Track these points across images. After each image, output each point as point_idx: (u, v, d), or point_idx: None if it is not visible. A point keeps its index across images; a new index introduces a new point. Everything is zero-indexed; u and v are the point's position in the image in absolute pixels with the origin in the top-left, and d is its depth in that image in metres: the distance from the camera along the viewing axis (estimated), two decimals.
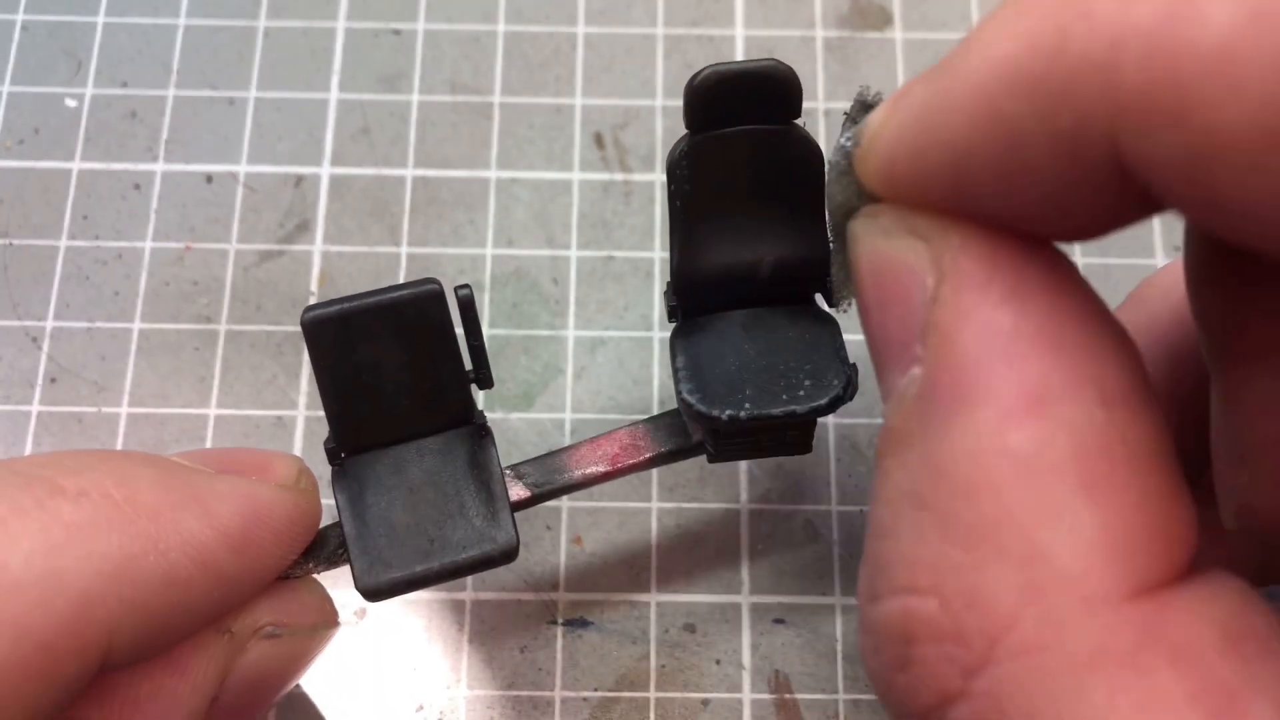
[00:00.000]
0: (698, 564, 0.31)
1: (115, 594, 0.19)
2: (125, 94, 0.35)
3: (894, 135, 0.17)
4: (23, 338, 0.33)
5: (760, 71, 0.22)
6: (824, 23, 0.36)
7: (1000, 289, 0.15)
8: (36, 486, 0.19)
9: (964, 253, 0.16)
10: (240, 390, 0.32)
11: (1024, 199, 0.15)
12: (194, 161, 0.35)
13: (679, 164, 0.23)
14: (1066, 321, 0.15)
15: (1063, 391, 0.15)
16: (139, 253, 0.34)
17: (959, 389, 0.15)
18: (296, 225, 0.34)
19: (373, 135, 0.35)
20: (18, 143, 0.35)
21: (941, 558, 0.15)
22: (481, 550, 0.24)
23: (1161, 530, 0.14)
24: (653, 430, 0.26)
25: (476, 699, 0.29)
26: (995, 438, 0.15)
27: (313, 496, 0.24)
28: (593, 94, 0.35)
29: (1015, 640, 0.14)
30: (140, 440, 0.32)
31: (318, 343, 0.23)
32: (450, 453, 0.25)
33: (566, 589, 0.30)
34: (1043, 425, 0.14)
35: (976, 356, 0.15)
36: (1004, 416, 0.15)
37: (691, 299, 0.25)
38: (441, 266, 0.33)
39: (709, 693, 0.29)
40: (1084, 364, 0.15)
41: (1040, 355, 0.15)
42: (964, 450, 0.15)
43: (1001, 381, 0.15)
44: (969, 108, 0.15)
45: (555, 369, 0.33)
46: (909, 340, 0.16)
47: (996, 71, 0.14)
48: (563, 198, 0.34)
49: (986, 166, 0.15)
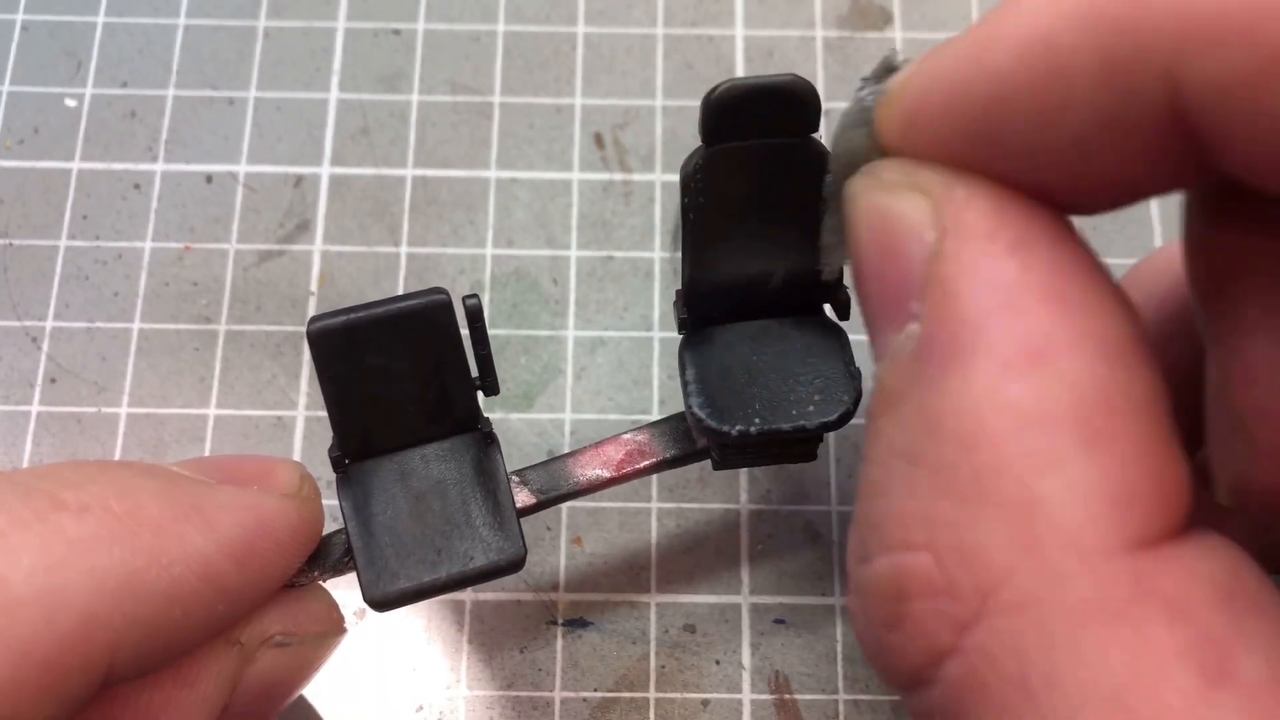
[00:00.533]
0: (698, 564, 0.31)
1: (118, 610, 0.19)
2: (125, 94, 0.35)
3: (929, 77, 0.16)
4: (22, 338, 0.33)
5: (778, 86, 0.22)
6: (824, 23, 0.36)
7: (1005, 242, 0.15)
8: (37, 500, 0.19)
9: (969, 205, 0.16)
10: (240, 390, 0.32)
11: (1060, 144, 0.15)
12: (194, 161, 0.35)
13: (693, 176, 0.23)
14: (1069, 276, 0.15)
15: (1065, 344, 0.15)
16: (139, 253, 0.34)
17: (959, 341, 0.15)
18: (296, 225, 0.34)
19: (372, 135, 0.35)
20: (18, 143, 0.35)
21: (935, 512, 0.15)
22: (489, 560, 0.24)
23: (1159, 485, 0.14)
24: (657, 435, 0.26)
25: (476, 699, 0.29)
26: (995, 389, 0.15)
27: (315, 504, 0.23)
28: (592, 94, 0.35)
29: (1009, 594, 0.14)
30: (140, 440, 0.32)
31: (323, 353, 0.23)
32: (456, 460, 0.25)
33: (566, 589, 0.30)
34: (1044, 377, 0.14)
35: (978, 308, 0.15)
36: (1004, 368, 0.15)
37: (701, 310, 0.25)
38: (441, 266, 0.33)
39: (709, 693, 0.29)
40: (1087, 318, 0.15)
41: (1043, 308, 0.15)
42: (962, 402, 0.15)
43: (1003, 333, 0.15)
44: (1020, 39, 0.15)
45: (555, 369, 0.33)
46: (906, 297, 0.16)
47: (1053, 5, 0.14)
48: (562, 198, 0.34)
49: (1029, 102, 0.15)
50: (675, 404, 0.32)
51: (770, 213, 0.24)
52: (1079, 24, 0.14)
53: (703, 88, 0.35)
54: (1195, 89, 0.13)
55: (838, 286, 0.25)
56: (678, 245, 0.24)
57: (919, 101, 0.17)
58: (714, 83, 0.22)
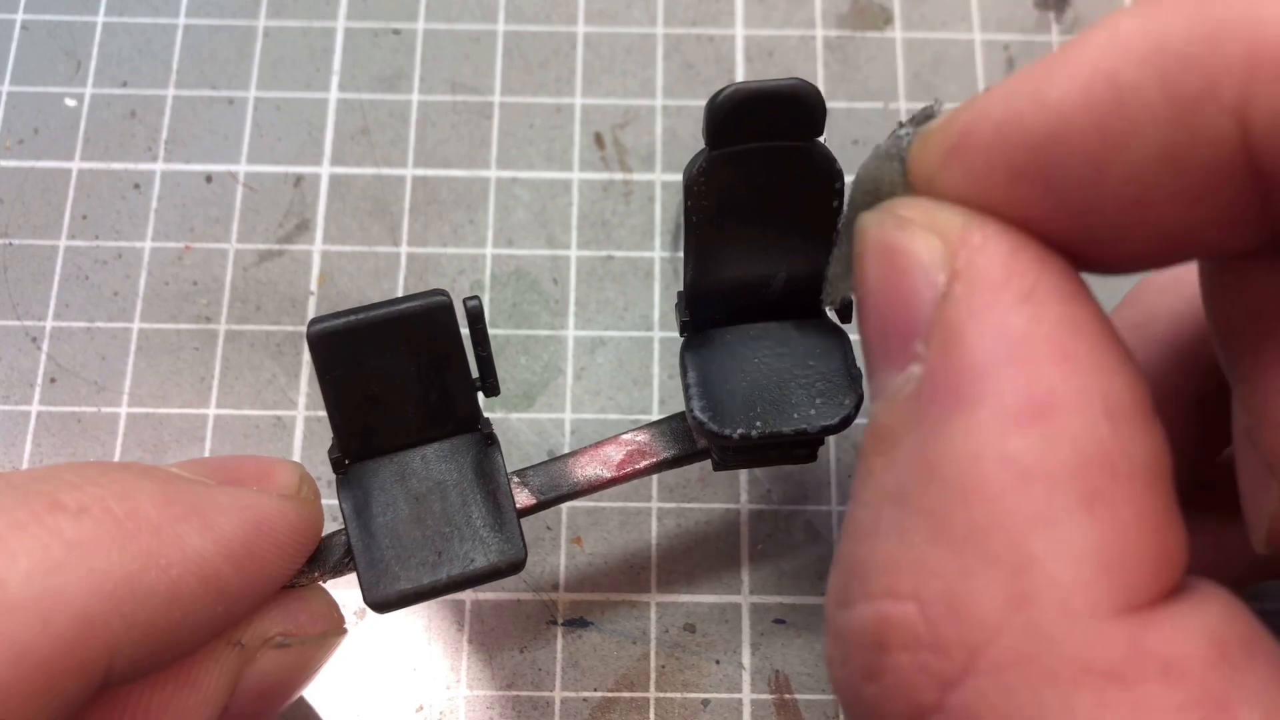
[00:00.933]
0: (698, 564, 0.31)
1: (116, 611, 0.19)
2: (125, 94, 0.35)
3: (978, 111, 0.16)
4: (22, 338, 0.33)
5: (783, 91, 0.22)
6: (824, 22, 0.36)
7: (1016, 291, 0.15)
8: (36, 502, 0.19)
9: (983, 251, 0.16)
10: (240, 390, 0.32)
11: (1117, 184, 0.15)
12: (194, 161, 0.35)
13: (697, 180, 0.23)
14: (1078, 332, 0.15)
15: (1070, 401, 0.14)
16: (139, 253, 0.34)
17: (962, 388, 0.15)
18: (296, 225, 0.34)
19: (372, 135, 0.35)
20: (17, 142, 0.35)
21: (924, 561, 0.15)
22: (489, 562, 0.24)
23: (1155, 549, 0.14)
24: (657, 435, 0.26)
25: (476, 699, 0.29)
26: (996, 440, 0.14)
27: (314, 505, 0.23)
28: (593, 94, 0.35)
29: (998, 652, 0.14)
30: (140, 440, 0.32)
31: (323, 355, 0.23)
32: (456, 461, 0.25)
33: (566, 589, 0.30)
34: (1046, 432, 0.14)
35: (985, 357, 0.15)
36: (1007, 420, 0.14)
37: (703, 312, 0.25)
38: (441, 266, 0.33)
39: (709, 693, 0.29)
40: (1093, 376, 0.15)
41: (1050, 362, 0.15)
42: (962, 450, 0.15)
43: (1008, 384, 0.14)
44: (1081, 73, 0.14)
45: (555, 369, 0.33)
46: (910, 337, 0.16)
47: (1118, 40, 0.14)
48: (562, 197, 0.34)
49: (1088, 138, 0.14)
50: (675, 404, 0.32)
51: (773, 216, 0.24)
52: (1143, 58, 0.14)
53: (703, 87, 0.35)
54: (1264, 122, 0.13)
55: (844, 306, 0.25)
56: (679, 247, 0.24)
57: (965, 133, 0.16)
58: (714, 82, 0.22)
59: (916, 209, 0.17)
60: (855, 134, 0.35)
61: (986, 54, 0.36)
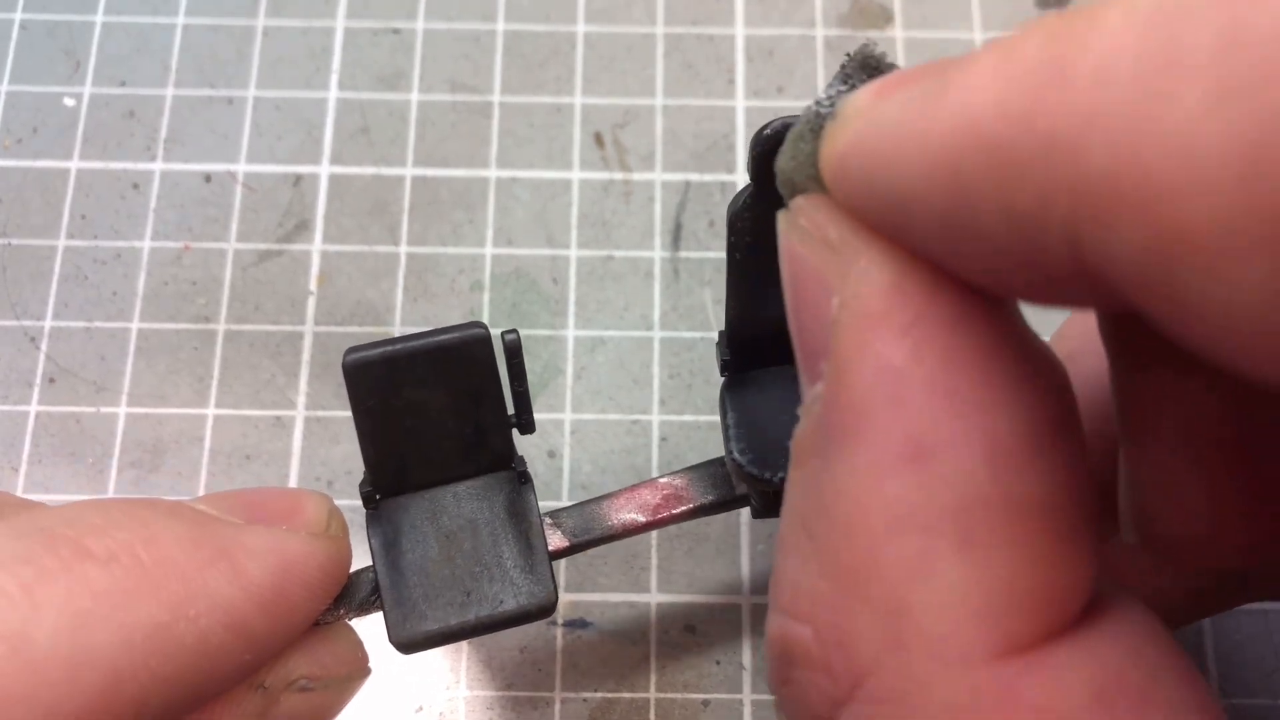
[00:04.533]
0: (698, 564, 0.31)
1: (144, 665, 0.18)
2: (124, 93, 0.35)
3: (858, 133, 0.15)
4: (21, 338, 0.33)
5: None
6: (824, 21, 0.36)
7: (899, 324, 0.14)
8: (63, 548, 0.18)
9: (867, 278, 0.15)
10: (239, 390, 0.32)
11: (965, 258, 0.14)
12: (193, 161, 0.34)
13: (740, 215, 0.22)
14: (965, 364, 0.14)
15: (948, 443, 0.14)
16: (137, 252, 0.33)
17: (845, 425, 0.15)
18: (295, 225, 0.34)
19: (372, 134, 0.35)
20: (16, 142, 0.35)
21: (817, 590, 0.15)
22: (518, 604, 0.23)
23: (1042, 590, 0.14)
24: (695, 479, 0.25)
25: (476, 699, 0.29)
26: (873, 484, 0.14)
27: (343, 543, 0.23)
28: (592, 93, 0.35)
29: (875, 685, 0.14)
30: (139, 440, 0.32)
31: (359, 386, 0.22)
32: (488, 499, 0.24)
33: (566, 590, 0.30)
34: (921, 477, 0.14)
35: (864, 394, 0.14)
36: (885, 462, 0.14)
37: (745, 352, 0.24)
38: (441, 266, 0.33)
39: (709, 693, 0.29)
40: (975, 414, 0.14)
41: (928, 402, 0.14)
42: (844, 490, 0.14)
43: (885, 426, 0.14)
44: (931, 152, 0.14)
45: (555, 369, 0.32)
46: (818, 353, 0.16)
47: (963, 123, 0.13)
48: (562, 197, 0.34)
49: (934, 215, 0.14)
50: (675, 404, 0.32)
51: None
52: (984, 156, 0.13)
53: (703, 87, 0.35)
54: (1092, 258, 0.12)
55: None
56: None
57: (853, 143, 0.15)
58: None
59: (813, 219, 0.16)
60: None
61: None
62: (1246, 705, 0.29)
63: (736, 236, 0.22)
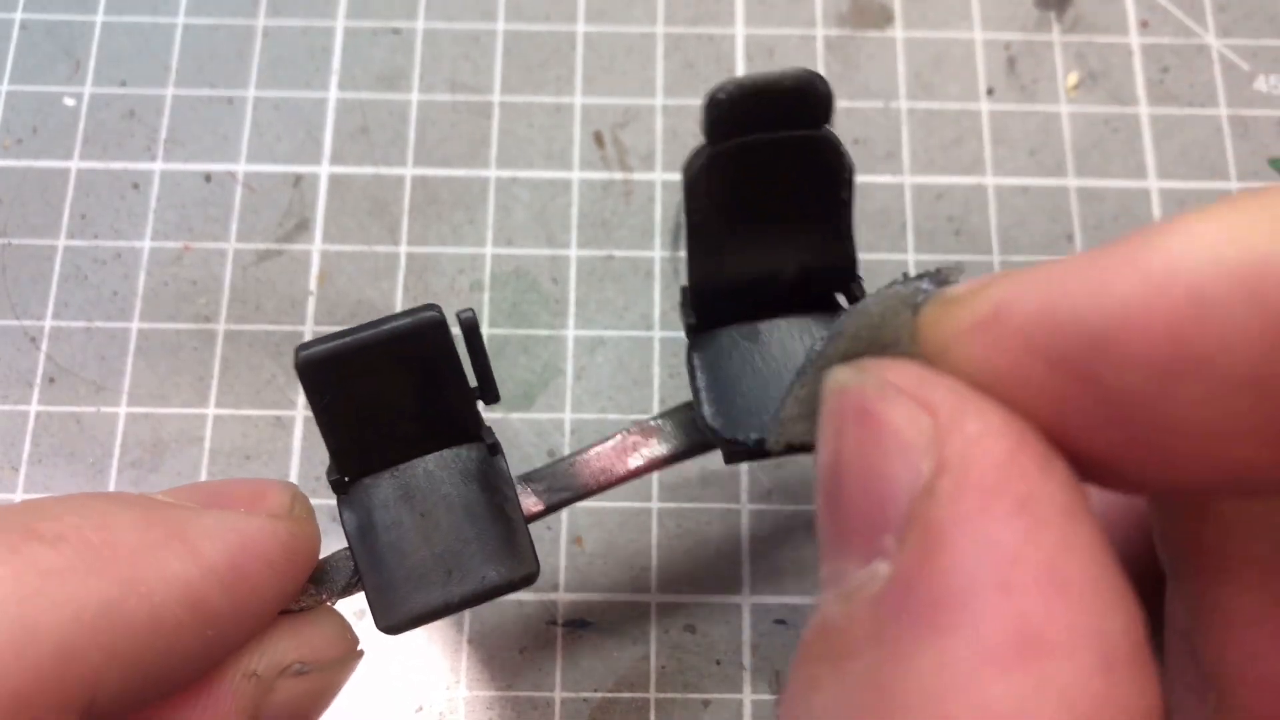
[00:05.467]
0: (698, 564, 0.31)
1: (95, 642, 0.18)
2: (124, 93, 0.35)
3: (1017, 286, 0.14)
4: (21, 337, 0.33)
5: (788, 84, 0.21)
6: (824, 21, 0.36)
7: (1012, 500, 0.13)
8: (11, 534, 0.18)
9: (979, 444, 0.13)
10: (239, 390, 0.32)
11: (1181, 413, 0.13)
12: (193, 161, 0.34)
13: (698, 177, 0.22)
14: (1076, 557, 0.13)
15: (1062, 643, 0.12)
16: (137, 252, 0.33)
17: (938, 609, 0.13)
18: (295, 224, 0.34)
19: (372, 134, 0.35)
20: (16, 142, 0.35)
21: None
22: (501, 577, 0.23)
23: None
24: (663, 428, 0.25)
25: (476, 699, 0.29)
26: (973, 683, 0.12)
27: (308, 524, 0.23)
28: (593, 93, 0.35)
29: None
30: (139, 440, 0.32)
31: (314, 382, 0.22)
32: (460, 472, 0.24)
33: (566, 589, 0.30)
34: (1032, 679, 0.12)
35: (968, 575, 0.13)
36: (987, 657, 0.12)
37: (709, 311, 0.24)
38: (441, 266, 0.33)
39: (709, 693, 0.29)
40: (1090, 614, 0.13)
41: (1043, 592, 0.12)
42: (931, 686, 0.12)
43: (992, 614, 0.12)
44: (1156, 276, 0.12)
45: (555, 369, 0.32)
46: (879, 528, 0.14)
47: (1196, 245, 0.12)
48: (562, 197, 0.34)
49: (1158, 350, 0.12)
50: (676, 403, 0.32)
51: (779, 208, 0.23)
52: (1231, 272, 0.12)
53: (703, 86, 0.35)
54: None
55: (850, 279, 0.24)
56: (680, 246, 0.24)
57: (1003, 304, 0.14)
58: (715, 81, 0.21)
59: (906, 374, 0.14)
60: (856, 133, 0.35)
61: (987, 53, 0.36)
62: None
63: (695, 200, 0.22)
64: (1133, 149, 0.35)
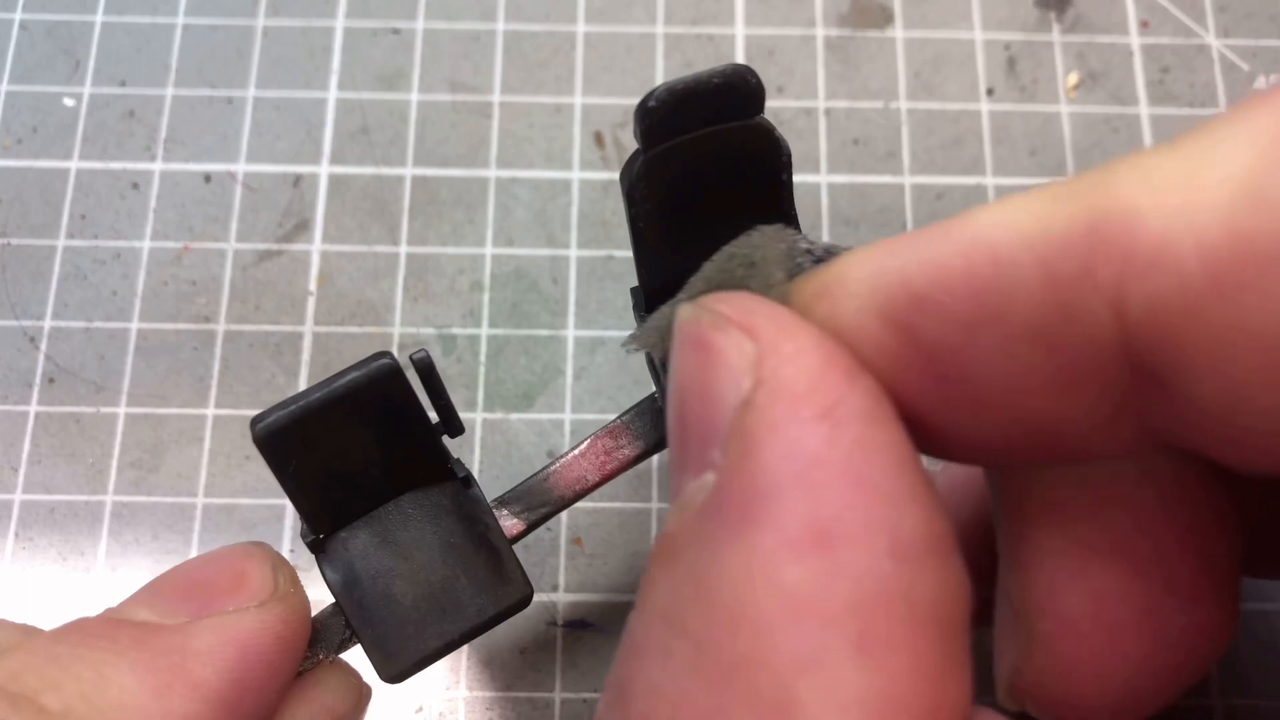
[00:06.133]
0: None
1: None
2: (123, 93, 0.35)
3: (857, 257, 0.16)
4: (20, 338, 0.33)
5: (719, 83, 0.21)
6: (824, 21, 0.36)
7: (817, 407, 0.14)
8: (24, 709, 0.18)
9: (792, 360, 0.15)
10: (239, 390, 0.32)
11: (984, 361, 0.14)
12: (192, 161, 0.34)
13: (637, 185, 0.22)
14: (877, 458, 0.14)
15: (854, 532, 0.13)
16: (137, 252, 0.33)
17: (747, 508, 0.14)
18: (295, 225, 0.34)
19: (372, 134, 0.35)
20: (16, 142, 0.34)
21: (684, 693, 0.14)
22: (496, 605, 0.23)
23: (929, 701, 0.13)
24: (634, 423, 0.25)
25: (476, 700, 0.29)
26: (772, 568, 0.13)
27: (296, 597, 0.22)
28: (592, 93, 0.35)
29: None
30: (139, 440, 0.32)
31: (276, 452, 0.22)
32: (435, 510, 0.24)
33: (566, 590, 0.30)
34: (824, 565, 0.13)
35: (773, 476, 0.14)
36: (786, 546, 0.13)
37: None
38: (441, 266, 0.33)
39: None
40: (884, 507, 0.14)
41: (840, 488, 0.14)
42: (736, 576, 0.14)
43: (792, 508, 0.14)
44: (965, 242, 0.14)
45: (555, 369, 0.32)
46: (710, 443, 0.15)
47: (1003, 219, 0.14)
48: (562, 197, 0.34)
49: (964, 303, 0.14)
50: None
51: (721, 200, 0.23)
52: (1024, 238, 0.14)
53: None
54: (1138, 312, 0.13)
55: None
56: None
57: (842, 272, 0.16)
58: None
59: (735, 305, 0.16)
60: (855, 134, 0.35)
61: (987, 53, 0.36)
62: (1246, 705, 0.29)
63: (636, 207, 0.22)
64: (1133, 149, 0.35)
